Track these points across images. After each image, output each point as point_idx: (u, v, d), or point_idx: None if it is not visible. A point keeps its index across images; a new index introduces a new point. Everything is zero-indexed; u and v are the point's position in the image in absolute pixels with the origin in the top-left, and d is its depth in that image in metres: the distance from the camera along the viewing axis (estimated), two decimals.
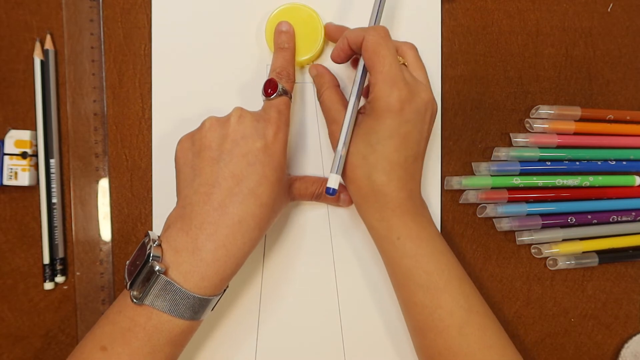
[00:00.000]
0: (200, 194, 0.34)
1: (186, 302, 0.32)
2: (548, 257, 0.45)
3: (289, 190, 0.40)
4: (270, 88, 0.38)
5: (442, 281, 0.36)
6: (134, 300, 0.32)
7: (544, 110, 0.44)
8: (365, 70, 0.37)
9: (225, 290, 0.36)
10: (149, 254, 0.32)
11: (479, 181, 0.44)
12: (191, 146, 0.36)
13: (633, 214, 0.46)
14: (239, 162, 0.34)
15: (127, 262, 0.34)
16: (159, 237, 0.34)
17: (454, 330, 0.35)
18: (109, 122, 0.44)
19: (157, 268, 0.32)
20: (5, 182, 0.42)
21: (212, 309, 0.36)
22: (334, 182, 0.35)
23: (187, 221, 0.33)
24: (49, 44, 0.43)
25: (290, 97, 0.39)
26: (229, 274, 0.34)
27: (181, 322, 0.33)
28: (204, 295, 0.33)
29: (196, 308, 0.33)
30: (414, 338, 0.38)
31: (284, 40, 0.41)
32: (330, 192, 0.35)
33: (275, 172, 0.35)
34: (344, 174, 0.37)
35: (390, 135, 0.35)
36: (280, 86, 0.38)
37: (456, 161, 0.45)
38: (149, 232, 0.34)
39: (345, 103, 0.38)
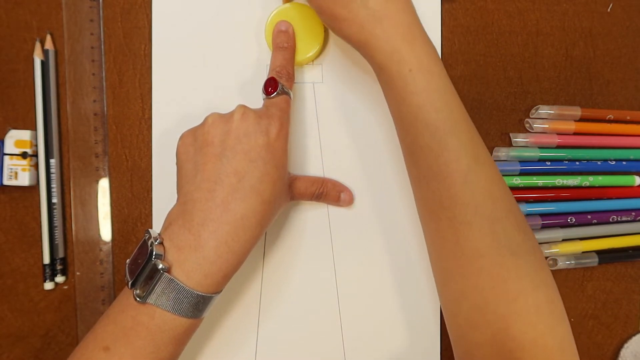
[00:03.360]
0: (203, 191, 0.34)
1: (189, 300, 0.32)
2: (548, 257, 0.45)
3: (289, 189, 0.40)
4: (270, 87, 0.38)
5: (450, 122, 0.33)
6: (137, 299, 0.32)
7: (544, 110, 0.44)
8: None
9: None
10: (151, 251, 0.32)
11: None
12: (193, 142, 0.36)
13: (633, 214, 0.46)
14: (241, 158, 0.34)
15: (128, 260, 0.34)
16: (159, 234, 0.34)
17: (459, 176, 0.33)
18: (109, 122, 0.44)
19: (160, 266, 0.32)
20: (5, 182, 0.42)
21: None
22: None
23: (189, 218, 0.33)
24: (49, 44, 0.43)
25: (291, 96, 0.39)
26: (232, 271, 0.34)
27: (184, 320, 0.33)
28: (206, 293, 0.33)
29: (199, 306, 0.33)
30: (416, 190, 0.36)
31: (283, 39, 0.41)
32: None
33: (277, 169, 0.35)
34: (340, 20, 0.35)
35: None
36: (280, 85, 0.38)
37: None
38: (149, 230, 0.34)
39: None
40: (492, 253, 0.32)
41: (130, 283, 0.33)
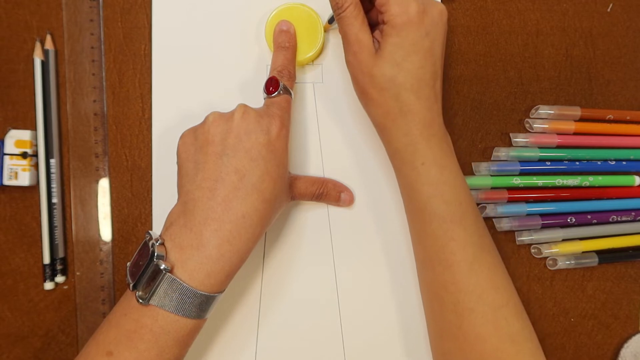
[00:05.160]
0: (204, 189, 0.34)
1: (193, 301, 0.32)
2: (548, 257, 0.45)
3: (290, 189, 0.40)
4: (271, 86, 0.38)
5: (458, 213, 0.35)
6: (140, 301, 0.32)
7: (544, 110, 0.44)
8: None
9: None
10: (153, 252, 0.32)
11: (478, 181, 0.44)
12: (194, 141, 0.36)
13: (633, 214, 0.46)
14: (242, 157, 0.34)
15: (128, 263, 0.34)
16: (160, 235, 0.34)
17: (465, 265, 0.34)
18: (109, 122, 0.44)
19: (162, 267, 0.32)
20: (5, 182, 0.42)
21: None
22: None
23: (190, 217, 0.33)
24: (49, 44, 0.43)
25: (292, 96, 0.39)
26: (234, 270, 0.34)
27: (188, 322, 0.33)
28: (209, 293, 0.33)
29: (202, 306, 0.33)
30: (421, 271, 0.38)
31: (285, 39, 0.41)
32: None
33: (278, 168, 0.35)
34: (369, 99, 0.36)
35: (415, 50, 0.35)
36: (281, 84, 0.38)
37: None
38: (150, 231, 0.34)
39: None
40: (493, 339, 0.34)
41: (132, 285, 0.32)
